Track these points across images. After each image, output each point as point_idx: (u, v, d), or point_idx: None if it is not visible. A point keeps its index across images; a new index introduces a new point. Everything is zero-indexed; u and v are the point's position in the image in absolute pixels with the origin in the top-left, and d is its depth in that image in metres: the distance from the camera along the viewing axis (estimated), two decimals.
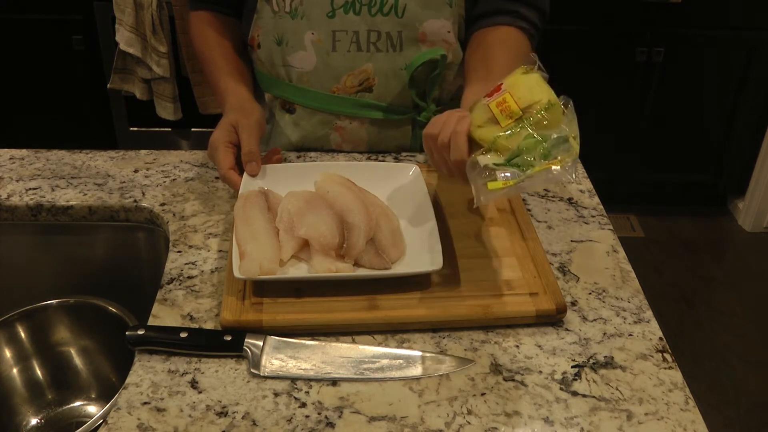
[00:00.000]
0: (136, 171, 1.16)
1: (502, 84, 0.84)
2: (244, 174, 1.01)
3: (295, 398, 0.78)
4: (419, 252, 0.92)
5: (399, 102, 1.18)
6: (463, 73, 1.21)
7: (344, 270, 0.88)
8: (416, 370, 0.81)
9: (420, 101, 1.18)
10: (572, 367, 0.82)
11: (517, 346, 0.85)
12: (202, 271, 0.95)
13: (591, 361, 0.83)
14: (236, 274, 0.85)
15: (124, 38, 2.27)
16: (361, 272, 0.89)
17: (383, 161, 1.18)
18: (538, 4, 1.15)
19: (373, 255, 0.90)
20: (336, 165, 1.07)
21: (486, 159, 0.80)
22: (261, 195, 0.97)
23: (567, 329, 0.88)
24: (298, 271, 0.90)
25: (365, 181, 1.02)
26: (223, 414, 0.76)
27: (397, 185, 1.03)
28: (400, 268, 0.90)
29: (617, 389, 0.80)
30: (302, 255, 0.91)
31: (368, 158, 1.19)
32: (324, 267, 0.87)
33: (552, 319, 0.88)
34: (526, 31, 1.13)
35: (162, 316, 0.88)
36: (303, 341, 0.84)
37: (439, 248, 0.89)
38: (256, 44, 1.18)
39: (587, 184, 1.16)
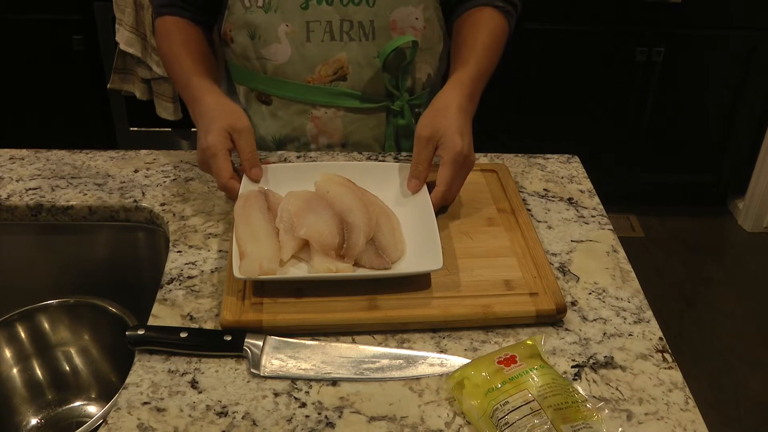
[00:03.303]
0: (136, 171, 1.16)
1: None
2: (244, 176, 1.01)
3: (295, 398, 0.78)
4: (419, 252, 0.91)
5: (373, 90, 1.19)
6: (433, 63, 1.24)
7: (344, 270, 0.88)
8: (416, 370, 0.81)
9: (393, 90, 1.20)
10: (572, 367, 0.82)
11: None
12: (202, 271, 0.95)
13: (591, 361, 0.83)
14: (236, 274, 0.84)
15: (124, 38, 2.27)
16: (361, 272, 0.89)
17: (383, 161, 1.18)
18: None
19: (373, 255, 0.90)
20: (336, 165, 1.07)
21: None
22: (261, 195, 0.97)
23: (567, 329, 0.88)
24: (298, 271, 0.90)
25: (366, 181, 1.02)
26: (223, 414, 0.76)
27: (397, 185, 1.03)
28: (400, 268, 0.90)
29: (617, 389, 0.80)
30: (302, 255, 0.91)
31: (368, 158, 1.19)
32: (324, 267, 0.87)
33: (552, 319, 0.88)
34: (501, 8, 1.17)
35: (162, 316, 0.88)
36: (303, 341, 0.84)
37: (439, 248, 0.88)
38: (229, 39, 1.19)
39: (587, 184, 1.16)
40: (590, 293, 0.93)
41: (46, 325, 1.04)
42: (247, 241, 0.89)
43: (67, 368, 1.07)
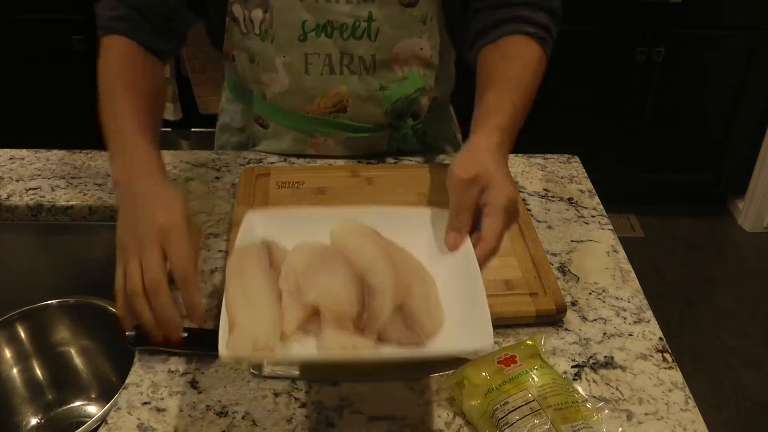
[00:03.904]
0: None
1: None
2: (243, 223, 0.79)
3: (295, 398, 0.78)
4: (459, 323, 0.72)
5: (374, 121, 1.15)
6: (439, 84, 1.18)
7: (364, 347, 0.68)
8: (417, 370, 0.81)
9: (396, 121, 1.15)
10: (572, 367, 0.82)
11: None
12: (202, 271, 0.95)
13: (591, 361, 0.83)
14: (222, 353, 0.65)
15: None
16: (387, 351, 0.70)
17: (416, 206, 1.10)
18: (544, 4, 1.05)
19: (402, 328, 0.71)
20: (358, 212, 0.85)
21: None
22: (263, 249, 0.76)
23: (567, 329, 0.88)
24: (303, 347, 0.70)
25: (394, 231, 0.79)
26: (223, 414, 0.76)
27: (432, 235, 0.81)
28: (437, 345, 0.70)
29: (617, 389, 0.80)
30: (310, 326, 0.71)
31: (368, 162, 1.18)
32: (337, 343, 0.68)
33: (552, 319, 0.88)
34: (534, 35, 1.02)
35: None
36: None
37: (488, 319, 0.68)
38: (231, 56, 1.13)
39: (587, 184, 1.16)
40: (590, 293, 0.93)
41: (46, 325, 1.04)
42: (239, 307, 0.69)
43: (67, 368, 1.07)
